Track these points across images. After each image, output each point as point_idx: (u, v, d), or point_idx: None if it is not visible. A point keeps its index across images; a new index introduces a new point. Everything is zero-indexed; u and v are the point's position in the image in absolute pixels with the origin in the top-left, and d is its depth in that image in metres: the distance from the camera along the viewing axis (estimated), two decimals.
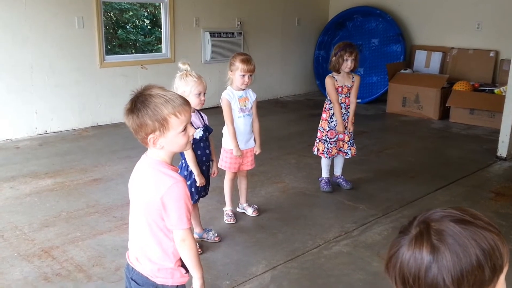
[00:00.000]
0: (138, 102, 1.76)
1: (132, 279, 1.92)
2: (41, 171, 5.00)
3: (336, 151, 4.59)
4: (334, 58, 4.42)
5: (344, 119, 4.51)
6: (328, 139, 4.56)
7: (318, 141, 4.64)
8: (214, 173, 3.58)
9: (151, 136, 1.77)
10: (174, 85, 3.16)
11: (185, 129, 1.80)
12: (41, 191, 4.50)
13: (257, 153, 3.98)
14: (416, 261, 0.99)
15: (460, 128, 7.25)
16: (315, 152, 4.68)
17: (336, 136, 4.55)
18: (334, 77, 4.46)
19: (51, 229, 3.78)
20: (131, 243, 1.96)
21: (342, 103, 4.49)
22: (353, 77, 4.50)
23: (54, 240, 3.61)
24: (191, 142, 1.92)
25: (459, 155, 5.93)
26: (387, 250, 1.07)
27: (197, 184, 3.34)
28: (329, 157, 4.62)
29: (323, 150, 4.60)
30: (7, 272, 3.18)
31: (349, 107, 4.53)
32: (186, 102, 1.80)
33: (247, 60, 3.68)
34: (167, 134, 1.77)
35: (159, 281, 1.88)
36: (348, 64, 4.36)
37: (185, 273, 1.92)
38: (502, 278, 1.01)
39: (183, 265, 1.91)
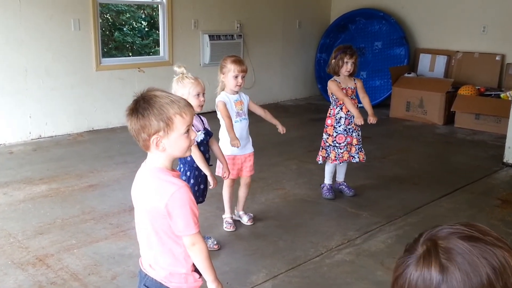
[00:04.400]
0: (143, 101, 1.78)
1: (145, 285, 1.94)
2: (35, 177, 4.92)
3: (348, 155, 4.46)
4: (333, 60, 4.35)
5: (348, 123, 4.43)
6: (337, 144, 4.43)
7: (321, 148, 4.53)
8: (225, 175, 3.54)
9: (154, 137, 1.77)
10: (172, 90, 3.11)
11: (187, 132, 1.81)
12: (35, 198, 4.42)
13: (283, 132, 3.90)
14: (424, 281, 0.95)
15: (465, 134, 7.16)
16: (320, 161, 4.56)
17: (346, 140, 4.43)
18: (336, 80, 4.38)
19: (45, 236, 3.72)
20: (143, 250, 1.97)
21: None
22: (354, 80, 4.44)
23: (48, 247, 3.55)
24: (191, 148, 1.91)
25: (464, 161, 5.85)
26: (393, 270, 1.04)
27: (211, 186, 3.28)
28: (341, 163, 4.51)
29: (335, 157, 4.45)
30: (1, 280, 3.14)
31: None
32: (189, 104, 1.85)
33: (238, 61, 3.69)
34: (170, 135, 1.78)
35: (173, 286, 1.90)
36: (348, 67, 4.29)
37: (199, 278, 1.95)
38: None
39: (196, 270, 1.93)
